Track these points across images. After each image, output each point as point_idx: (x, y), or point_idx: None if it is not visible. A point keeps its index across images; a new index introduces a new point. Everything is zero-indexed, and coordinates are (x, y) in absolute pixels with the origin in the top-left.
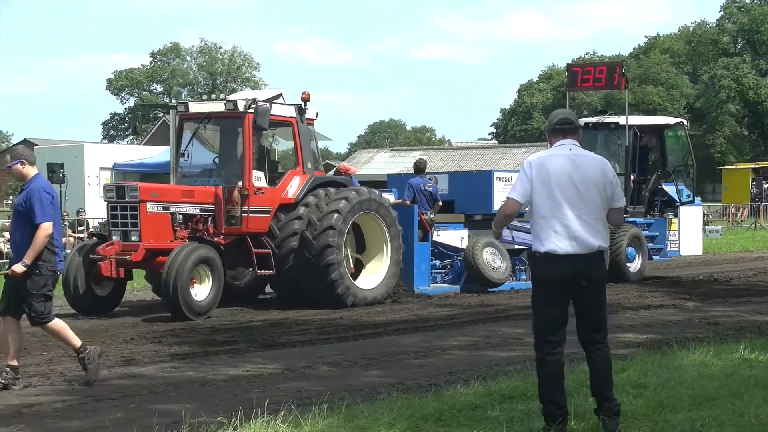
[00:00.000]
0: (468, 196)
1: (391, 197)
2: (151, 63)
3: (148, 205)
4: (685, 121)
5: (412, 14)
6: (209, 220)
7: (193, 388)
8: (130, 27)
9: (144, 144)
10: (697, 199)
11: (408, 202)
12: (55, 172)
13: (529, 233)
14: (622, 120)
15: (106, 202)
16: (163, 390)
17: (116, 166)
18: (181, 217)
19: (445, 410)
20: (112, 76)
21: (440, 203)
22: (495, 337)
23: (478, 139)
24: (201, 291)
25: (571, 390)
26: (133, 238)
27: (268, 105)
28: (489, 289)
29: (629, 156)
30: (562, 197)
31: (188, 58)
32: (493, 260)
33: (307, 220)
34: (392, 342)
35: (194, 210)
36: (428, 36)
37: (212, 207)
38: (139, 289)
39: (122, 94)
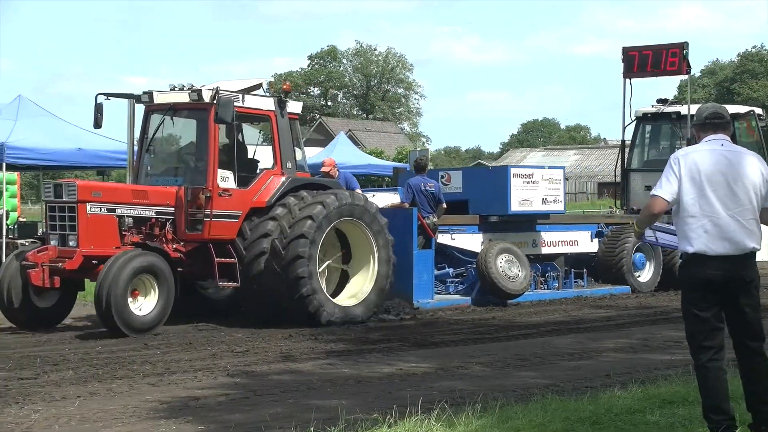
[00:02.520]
0: (483, 196)
1: (396, 198)
2: (309, 66)
3: (88, 206)
4: (758, 110)
5: (569, 10)
6: (167, 224)
7: (348, 385)
8: (289, 31)
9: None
10: None
11: (407, 205)
12: None
13: (674, 234)
14: (684, 109)
15: (44, 202)
16: (319, 386)
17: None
18: (131, 220)
19: (602, 413)
20: (273, 79)
21: (444, 205)
22: (654, 339)
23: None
24: (146, 304)
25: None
26: (70, 243)
27: (231, 96)
28: (507, 302)
29: None
30: (713, 196)
31: (344, 60)
32: (509, 268)
33: (279, 227)
34: (546, 343)
35: (148, 213)
36: (585, 31)
37: (171, 210)
38: None
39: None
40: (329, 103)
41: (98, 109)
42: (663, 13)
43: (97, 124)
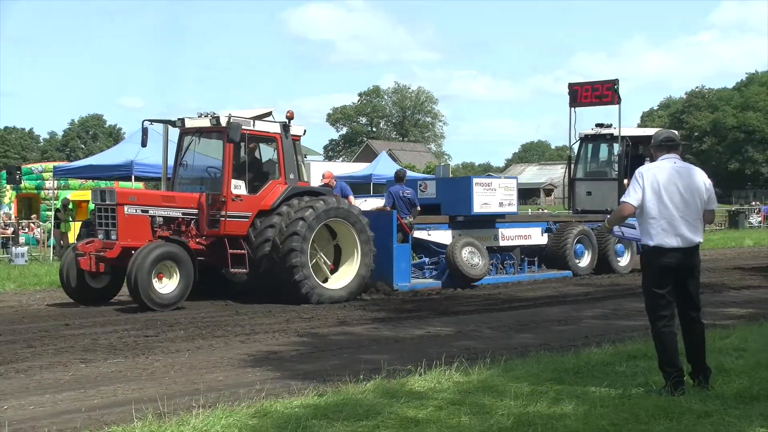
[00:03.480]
0: (452, 200)
1: (380, 203)
2: (358, 101)
3: (126, 208)
4: (675, 132)
5: (560, 58)
6: (192, 222)
7: (389, 344)
8: (344, 74)
9: (353, 162)
10: None
11: (388, 208)
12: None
13: (635, 229)
14: (616, 132)
15: (93, 204)
16: (367, 344)
17: (337, 177)
18: (161, 219)
19: (582, 365)
20: (331, 111)
21: (419, 208)
22: (622, 309)
23: None
24: (169, 284)
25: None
26: (112, 237)
27: (240, 120)
28: (471, 284)
29: (622, 163)
30: (669, 202)
31: (385, 96)
32: (471, 258)
33: (279, 226)
34: (540, 312)
35: (176, 213)
36: (572, 73)
37: (195, 211)
38: None
39: (337, 125)
40: (374, 129)
41: (144, 132)
42: (632, 59)
43: (144, 144)
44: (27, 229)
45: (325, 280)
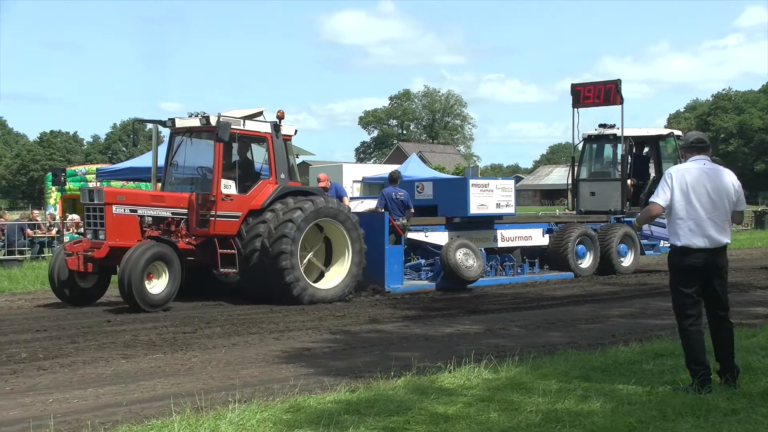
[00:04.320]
0: (449, 201)
1: (374, 205)
2: (389, 104)
3: (114, 208)
4: (677, 132)
5: (586, 61)
6: (181, 222)
7: (419, 341)
8: (376, 78)
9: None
10: None
11: (381, 210)
12: None
13: (664, 228)
14: (619, 132)
15: (82, 204)
16: (397, 342)
17: (364, 180)
18: (150, 219)
19: (609, 363)
20: (363, 115)
21: (412, 210)
22: (649, 308)
23: None
24: (158, 285)
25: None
26: (100, 237)
27: (229, 120)
28: (467, 287)
29: (625, 163)
30: (697, 203)
31: (416, 100)
32: (466, 260)
33: (268, 228)
34: (568, 311)
35: (165, 213)
36: (598, 76)
37: (185, 211)
38: None
39: (369, 127)
40: (404, 132)
41: (135, 132)
42: (658, 63)
43: (134, 143)
44: (73, 228)
45: (321, 275)
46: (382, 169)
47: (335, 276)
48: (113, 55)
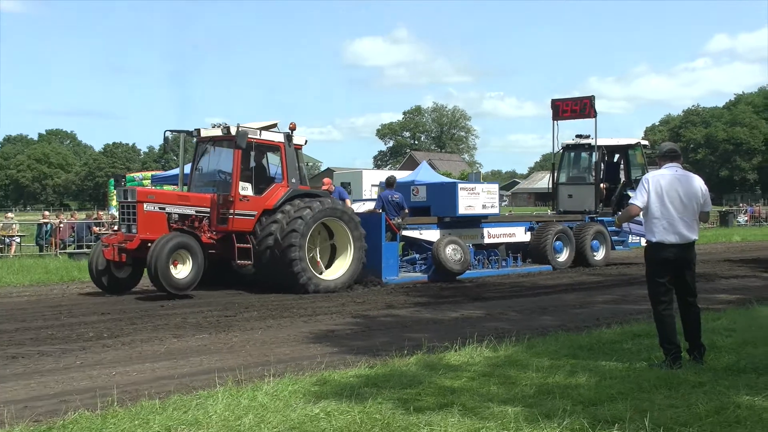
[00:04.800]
0: (440, 203)
1: (371, 206)
2: (403, 118)
3: (145, 205)
4: (643, 141)
5: (574, 81)
6: (204, 219)
7: (429, 324)
8: (391, 95)
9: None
10: None
11: (378, 211)
12: (345, 187)
13: (641, 225)
14: (593, 142)
15: (117, 202)
16: (410, 324)
17: (381, 184)
18: (176, 216)
19: (594, 343)
20: (380, 127)
21: (407, 210)
22: (629, 296)
23: None
24: (183, 270)
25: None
26: (132, 231)
27: (246, 129)
28: (455, 278)
29: (599, 170)
30: (670, 204)
31: (426, 114)
32: (454, 254)
33: (280, 224)
34: (558, 298)
35: (189, 211)
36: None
37: (207, 209)
38: None
39: (385, 138)
40: (416, 142)
41: (166, 140)
42: (636, 82)
43: (164, 151)
44: None
45: (329, 265)
46: (397, 175)
47: (338, 269)
48: (165, 76)
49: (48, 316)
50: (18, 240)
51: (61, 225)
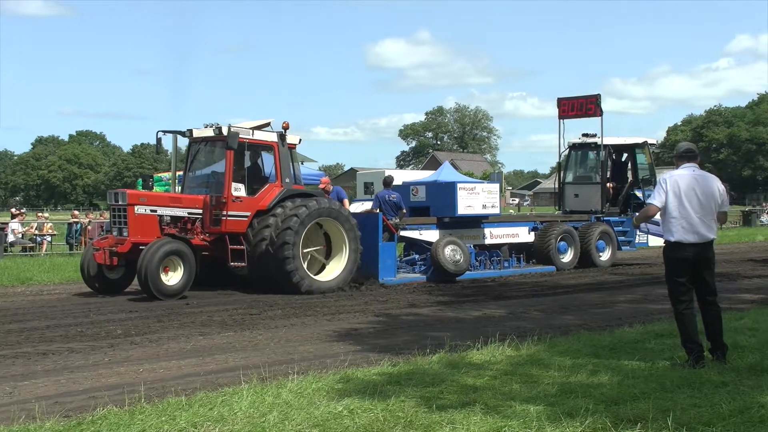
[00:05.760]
0: (439, 203)
1: (369, 206)
2: (425, 119)
3: (136, 208)
4: (650, 140)
5: (595, 82)
6: (197, 221)
7: (451, 323)
8: (414, 96)
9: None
10: None
11: (376, 211)
12: (367, 187)
13: (658, 225)
14: (599, 140)
15: (108, 205)
16: (432, 323)
17: (404, 183)
18: (169, 218)
19: (616, 342)
20: (402, 128)
21: (404, 210)
22: (651, 295)
23: None
24: (174, 277)
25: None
26: (124, 234)
27: (238, 130)
28: (455, 279)
29: (605, 169)
30: (688, 204)
31: (448, 115)
32: (453, 255)
33: (275, 222)
34: (580, 297)
35: (182, 213)
36: (608, 95)
37: (200, 211)
38: None
39: (407, 139)
40: (438, 142)
41: (158, 141)
42: (658, 82)
43: (158, 152)
44: None
45: (322, 268)
46: (419, 175)
47: (333, 270)
48: (190, 77)
49: (77, 314)
50: (49, 239)
51: (90, 224)
